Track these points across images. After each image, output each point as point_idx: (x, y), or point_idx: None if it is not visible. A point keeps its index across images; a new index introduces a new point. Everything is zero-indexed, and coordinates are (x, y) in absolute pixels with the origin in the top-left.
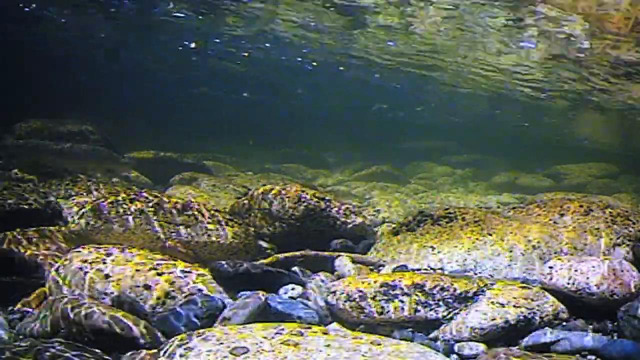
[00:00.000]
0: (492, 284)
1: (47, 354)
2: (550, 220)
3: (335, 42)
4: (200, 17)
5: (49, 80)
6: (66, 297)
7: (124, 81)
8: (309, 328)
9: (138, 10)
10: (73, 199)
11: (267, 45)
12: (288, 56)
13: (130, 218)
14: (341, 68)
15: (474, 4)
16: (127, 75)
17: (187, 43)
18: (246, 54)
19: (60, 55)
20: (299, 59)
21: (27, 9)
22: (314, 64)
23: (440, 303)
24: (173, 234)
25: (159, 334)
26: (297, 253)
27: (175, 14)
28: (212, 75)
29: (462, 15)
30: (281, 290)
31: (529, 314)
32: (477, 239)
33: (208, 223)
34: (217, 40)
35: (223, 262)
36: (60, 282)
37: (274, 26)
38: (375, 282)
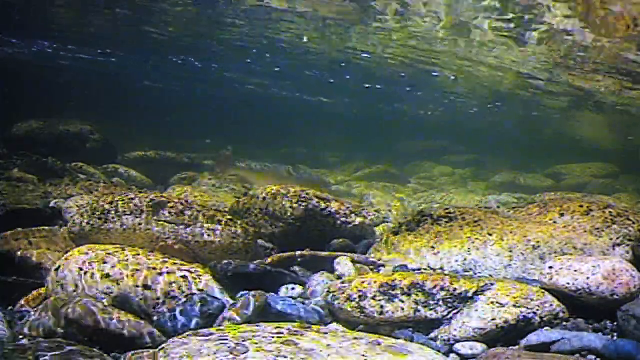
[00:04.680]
0: (492, 284)
1: (47, 353)
2: (550, 220)
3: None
4: None
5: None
6: (66, 296)
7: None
8: (309, 328)
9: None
10: (73, 199)
11: None
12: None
13: (130, 218)
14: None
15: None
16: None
17: None
18: None
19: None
20: None
21: None
22: None
23: (440, 303)
24: (173, 234)
25: (159, 334)
26: (297, 253)
27: None
28: None
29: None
30: (281, 290)
31: (528, 314)
32: (477, 239)
33: (208, 223)
34: None
35: (223, 262)
36: (60, 282)
37: None
38: (375, 282)
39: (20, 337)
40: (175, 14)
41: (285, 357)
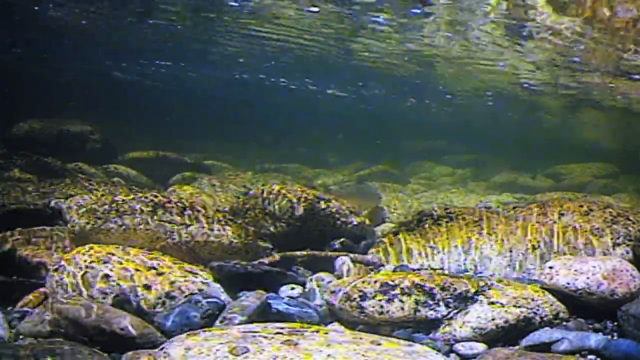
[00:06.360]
0: (492, 284)
1: (47, 354)
2: (550, 220)
3: None
4: None
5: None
6: (66, 297)
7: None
8: (309, 328)
9: None
10: (73, 199)
11: None
12: None
13: (130, 218)
14: None
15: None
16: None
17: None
18: None
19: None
20: None
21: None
22: None
23: (440, 303)
24: (173, 233)
25: (159, 334)
26: (298, 253)
27: None
28: None
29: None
30: (281, 290)
31: (529, 313)
32: (477, 238)
33: (208, 223)
34: None
35: (223, 262)
36: (60, 282)
37: None
38: (375, 282)
39: (21, 337)
40: None
41: (285, 357)
